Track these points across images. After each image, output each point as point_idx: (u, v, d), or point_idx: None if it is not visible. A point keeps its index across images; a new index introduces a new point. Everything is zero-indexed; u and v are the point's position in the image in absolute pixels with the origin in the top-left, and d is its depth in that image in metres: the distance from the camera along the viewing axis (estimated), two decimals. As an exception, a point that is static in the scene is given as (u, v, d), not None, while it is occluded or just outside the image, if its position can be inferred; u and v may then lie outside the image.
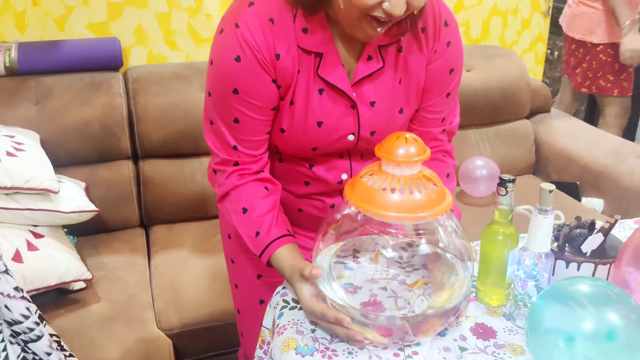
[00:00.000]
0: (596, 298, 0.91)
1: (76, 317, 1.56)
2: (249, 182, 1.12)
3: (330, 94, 1.08)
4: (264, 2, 1.01)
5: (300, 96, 1.07)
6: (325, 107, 1.08)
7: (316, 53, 1.04)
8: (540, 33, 2.88)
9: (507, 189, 1.05)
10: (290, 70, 1.04)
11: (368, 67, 1.08)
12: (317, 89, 1.07)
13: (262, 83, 1.03)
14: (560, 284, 0.97)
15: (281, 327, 1.05)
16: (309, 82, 1.06)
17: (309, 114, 1.08)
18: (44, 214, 1.61)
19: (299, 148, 1.13)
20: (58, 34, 2.12)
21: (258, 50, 1.00)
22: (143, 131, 2.04)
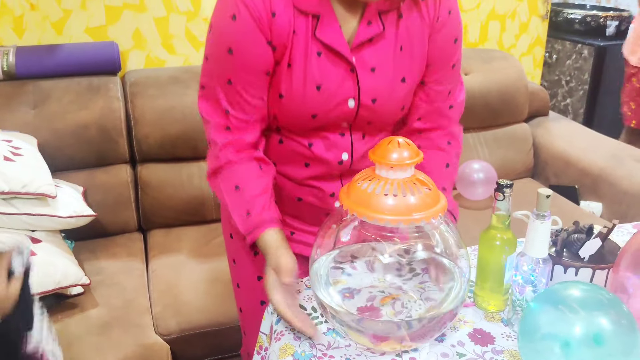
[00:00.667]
0: (587, 302, 0.91)
1: (74, 322, 1.56)
2: (243, 160, 1.11)
3: (328, 56, 1.06)
4: None
5: (298, 59, 1.05)
6: (324, 69, 1.06)
7: (313, 14, 1.03)
8: (539, 36, 2.88)
9: (505, 194, 1.05)
10: (285, 30, 1.03)
11: (368, 32, 1.06)
12: (316, 51, 1.05)
13: (257, 43, 1.02)
14: (553, 289, 0.97)
15: (278, 333, 1.05)
16: (307, 44, 1.05)
17: (308, 77, 1.06)
18: (41, 218, 1.61)
19: (298, 116, 1.10)
20: (56, 38, 2.12)
21: (254, 8, 1.00)
22: (141, 135, 2.04)
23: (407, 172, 0.95)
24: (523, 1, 2.77)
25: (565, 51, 3.66)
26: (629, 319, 0.90)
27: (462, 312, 1.11)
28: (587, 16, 3.63)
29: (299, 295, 1.14)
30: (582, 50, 3.55)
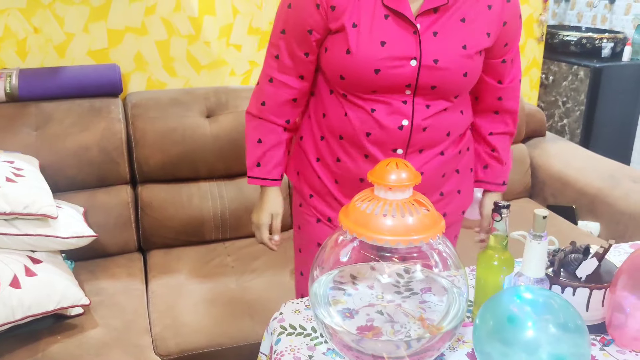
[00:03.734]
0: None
1: (73, 343, 1.56)
2: (276, 124, 1.35)
3: (395, 19, 1.18)
4: None
5: (366, 20, 1.18)
6: (389, 29, 1.19)
7: None
8: (535, 58, 2.92)
9: (502, 214, 1.07)
10: None
11: (433, 2, 1.18)
12: (383, 14, 1.19)
13: (308, 5, 1.21)
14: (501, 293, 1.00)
15: (278, 353, 1.06)
16: (375, 9, 1.18)
17: (374, 34, 1.18)
18: (42, 239, 1.62)
19: (363, 71, 1.20)
20: (59, 61, 2.14)
21: None
22: (141, 156, 2.06)
23: (406, 193, 0.97)
24: (519, 24, 2.80)
25: (562, 72, 3.70)
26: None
27: (461, 331, 1.11)
28: (583, 38, 3.68)
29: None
30: (578, 72, 3.58)
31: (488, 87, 1.36)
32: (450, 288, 1.04)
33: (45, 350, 1.52)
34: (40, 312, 1.52)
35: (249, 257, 2.02)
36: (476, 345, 0.98)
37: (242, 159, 2.15)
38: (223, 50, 2.34)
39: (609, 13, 3.95)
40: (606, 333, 1.12)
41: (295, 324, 1.13)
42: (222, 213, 2.12)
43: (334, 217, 1.36)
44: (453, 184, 1.38)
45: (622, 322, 1.08)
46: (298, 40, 1.24)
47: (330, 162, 1.32)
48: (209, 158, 2.12)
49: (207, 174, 2.15)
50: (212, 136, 2.11)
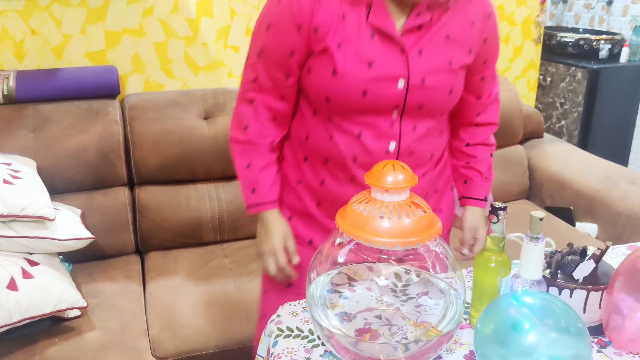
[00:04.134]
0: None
1: (70, 346, 1.56)
2: (261, 145, 1.27)
3: (380, 38, 1.16)
4: None
5: (351, 40, 1.15)
6: (376, 48, 1.16)
7: (367, 3, 1.15)
8: (532, 60, 2.92)
9: (499, 216, 1.07)
10: (331, 14, 1.14)
11: (416, 20, 1.16)
12: (369, 34, 1.16)
13: (289, 27, 1.16)
14: (503, 297, 0.99)
15: (275, 355, 1.05)
16: (360, 28, 1.15)
17: (360, 54, 1.15)
18: (39, 241, 1.62)
19: (350, 93, 1.16)
20: (56, 63, 2.14)
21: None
22: (139, 158, 2.06)
23: (403, 195, 0.97)
24: (516, 26, 2.81)
25: (559, 74, 3.70)
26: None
27: (458, 334, 1.11)
28: (580, 39, 3.68)
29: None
30: (576, 73, 3.59)
31: (467, 104, 1.33)
32: (447, 290, 1.04)
33: (43, 352, 1.52)
34: (37, 314, 1.52)
35: (247, 259, 2.02)
36: (477, 349, 0.98)
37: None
38: (221, 51, 2.34)
39: (606, 14, 3.96)
40: (603, 335, 1.12)
41: (293, 326, 1.13)
42: (219, 215, 2.12)
43: (316, 238, 1.30)
44: (433, 203, 1.35)
45: (619, 324, 1.08)
46: (278, 62, 1.19)
47: (314, 184, 1.28)
48: (207, 160, 2.11)
49: (205, 175, 2.15)
50: (210, 138, 2.11)
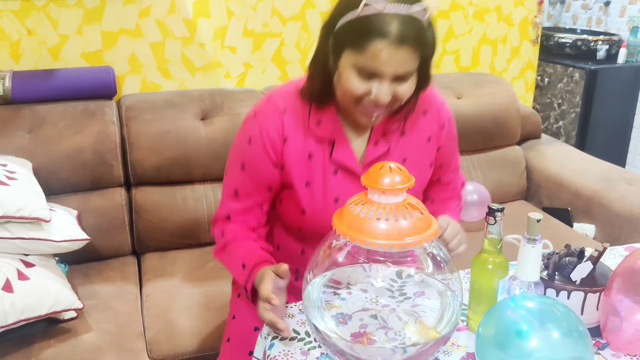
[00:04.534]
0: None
1: (66, 348, 1.55)
2: (245, 238, 1.27)
3: (344, 174, 1.24)
4: (281, 96, 1.23)
5: (317, 178, 1.23)
6: (340, 185, 1.24)
7: (329, 140, 1.22)
8: (530, 60, 2.92)
9: (496, 218, 1.06)
10: (300, 152, 1.22)
11: (375, 151, 1.25)
12: (332, 170, 1.23)
13: (265, 164, 1.22)
14: (505, 300, 0.99)
15: (272, 358, 1.05)
16: (324, 165, 1.23)
17: (327, 192, 1.23)
18: (35, 242, 1.61)
19: (320, 227, 1.19)
20: (52, 63, 2.13)
21: (267, 135, 1.20)
22: (136, 158, 2.05)
23: (399, 197, 0.96)
24: (514, 26, 2.81)
25: (557, 74, 3.70)
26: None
27: (455, 336, 1.11)
28: (578, 40, 3.68)
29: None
30: (574, 74, 3.59)
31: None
32: (445, 292, 1.03)
33: (39, 354, 1.51)
34: (33, 316, 1.51)
35: (244, 260, 2.01)
36: (478, 353, 0.97)
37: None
38: (218, 52, 2.33)
39: (604, 15, 3.96)
40: (601, 337, 1.12)
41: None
42: (216, 216, 2.11)
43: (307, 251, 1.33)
44: None
45: (617, 326, 1.08)
46: (255, 198, 1.27)
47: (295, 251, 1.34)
48: (204, 160, 2.11)
49: (202, 176, 2.14)
50: (207, 138, 2.10)
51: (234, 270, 1.24)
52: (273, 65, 2.43)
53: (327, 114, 1.21)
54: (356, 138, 1.25)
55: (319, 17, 2.42)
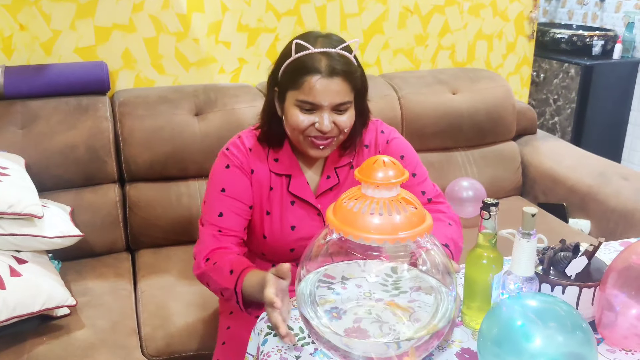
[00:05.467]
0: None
1: (59, 345, 1.53)
2: (226, 253, 1.31)
3: (300, 204, 1.39)
4: (247, 137, 1.39)
5: (276, 208, 1.38)
6: (296, 214, 1.38)
7: (286, 175, 1.38)
8: (525, 56, 2.91)
9: (491, 212, 1.06)
10: (263, 184, 1.37)
11: (327, 183, 1.40)
12: (290, 201, 1.38)
13: (244, 183, 1.36)
14: (507, 300, 0.98)
15: (265, 354, 1.04)
16: (282, 197, 1.38)
17: (284, 220, 1.38)
18: (27, 239, 1.59)
19: (280, 251, 1.40)
20: (45, 58, 2.12)
21: (239, 164, 1.36)
22: (129, 154, 2.04)
23: (393, 191, 0.96)
24: (510, 21, 2.80)
25: (553, 70, 3.70)
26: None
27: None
28: (574, 36, 3.68)
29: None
30: (569, 69, 3.59)
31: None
32: (439, 287, 1.03)
33: (31, 351, 1.50)
34: (25, 313, 1.50)
35: (239, 256, 2.00)
36: (481, 352, 0.96)
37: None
38: (212, 47, 2.32)
39: (599, 11, 3.96)
40: (596, 332, 1.11)
41: (283, 324, 1.11)
42: (211, 212, 2.10)
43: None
44: None
45: (612, 321, 1.07)
46: (234, 218, 1.35)
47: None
48: (198, 156, 2.09)
49: (196, 172, 2.12)
50: (201, 134, 2.09)
51: (221, 279, 1.25)
52: (268, 60, 2.42)
53: (283, 153, 1.38)
54: (310, 172, 1.40)
55: (314, 12, 2.41)
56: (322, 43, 1.27)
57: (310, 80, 1.23)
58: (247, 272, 1.22)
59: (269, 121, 1.36)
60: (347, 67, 1.26)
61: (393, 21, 2.57)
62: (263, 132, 1.38)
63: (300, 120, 1.27)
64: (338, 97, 1.25)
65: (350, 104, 1.29)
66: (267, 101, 1.38)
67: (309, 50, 1.25)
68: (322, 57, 1.24)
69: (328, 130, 1.26)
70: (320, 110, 1.26)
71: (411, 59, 2.66)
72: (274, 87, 1.33)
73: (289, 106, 1.29)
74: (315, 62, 1.24)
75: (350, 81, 1.26)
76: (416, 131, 2.39)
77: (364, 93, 1.35)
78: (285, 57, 1.29)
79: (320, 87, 1.23)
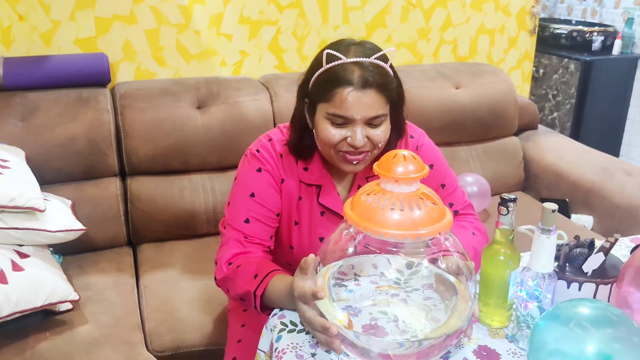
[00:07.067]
0: (598, 320, 0.90)
1: (62, 340, 1.51)
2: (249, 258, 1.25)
3: (329, 216, 1.32)
4: (279, 142, 1.32)
5: (305, 218, 1.32)
6: (326, 225, 1.31)
7: (316, 185, 1.31)
8: (527, 51, 2.90)
9: (509, 208, 1.04)
10: (292, 194, 1.31)
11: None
12: (319, 212, 1.32)
13: (274, 190, 1.29)
14: (562, 306, 0.95)
15: (280, 351, 1.02)
16: (312, 207, 1.32)
17: (313, 231, 1.32)
18: (30, 233, 1.57)
19: None
20: (44, 50, 2.08)
21: (271, 169, 1.29)
22: (131, 147, 2.01)
23: (413, 186, 0.94)
24: (512, 16, 2.79)
25: (552, 66, 3.69)
26: (639, 335, 0.89)
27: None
28: (573, 31, 3.68)
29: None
30: (569, 65, 3.58)
31: None
32: (458, 285, 1.01)
33: (34, 347, 1.48)
34: (28, 308, 1.47)
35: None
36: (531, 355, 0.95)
37: (234, 151, 2.11)
38: (213, 39, 2.29)
39: (598, 6, 3.95)
40: (612, 329, 1.10)
41: (296, 320, 1.09)
42: (214, 206, 2.07)
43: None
44: None
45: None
46: (263, 226, 1.29)
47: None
48: (201, 150, 2.07)
49: (199, 166, 2.10)
50: (203, 127, 2.06)
51: (243, 282, 1.19)
52: (269, 53, 2.39)
53: (314, 163, 1.31)
54: (341, 183, 1.34)
55: (317, 4, 2.39)
56: (354, 52, 1.19)
57: (342, 92, 1.15)
58: (272, 276, 1.16)
59: (300, 133, 1.28)
60: (382, 79, 1.17)
61: (396, 14, 2.55)
62: (293, 144, 1.30)
63: (331, 134, 1.19)
64: (371, 110, 1.17)
65: (385, 117, 1.20)
66: (296, 113, 1.30)
67: (340, 60, 1.17)
68: (354, 67, 1.16)
69: (361, 145, 1.18)
70: (352, 124, 1.18)
71: (414, 52, 2.64)
72: (304, 99, 1.26)
73: (319, 119, 1.21)
74: (347, 74, 1.16)
75: (385, 93, 1.18)
76: (420, 126, 2.31)
77: (401, 105, 1.26)
78: (315, 67, 1.22)
79: (352, 100, 1.15)
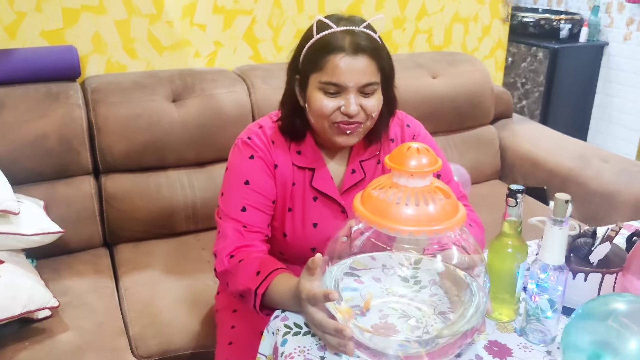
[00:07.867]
0: (636, 314, 0.88)
1: (43, 349, 1.43)
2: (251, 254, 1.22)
3: (323, 201, 1.30)
4: (269, 128, 1.30)
5: (298, 204, 1.30)
6: (319, 211, 1.30)
7: (309, 168, 1.29)
8: (500, 39, 2.91)
9: (517, 199, 1.02)
10: (286, 180, 1.29)
11: (353, 179, 1.31)
12: (312, 197, 1.30)
13: (268, 177, 1.27)
14: (593, 304, 0.94)
15: (287, 355, 0.98)
16: (305, 192, 1.29)
17: (306, 217, 1.30)
18: (4, 237, 1.48)
19: (300, 250, 1.31)
20: (9, 43, 1.97)
21: (264, 155, 1.27)
22: (104, 144, 1.92)
23: (426, 180, 0.91)
24: (485, 4, 2.78)
25: (521, 54, 3.72)
26: None
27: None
28: (541, 19, 3.71)
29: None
30: (537, 53, 3.62)
31: None
32: (471, 282, 0.99)
33: (13, 358, 1.39)
34: (5, 317, 1.39)
35: (224, 249, 1.92)
36: (564, 346, 0.93)
37: (212, 146, 2.05)
38: (186, 30, 2.21)
39: (564, -6, 4.00)
40: (618, 318, 1.10)
41: (301, 322, 1.05)
42: (192, 203, 2.01)
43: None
44: None
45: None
46: (259, 214, 1.27)
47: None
48: (177, 145, 2.00)
49: (176, 162, 2.03)
50: (179, 121, 1.99)
51: (244, 279, 1.15)
52: (244, 43, 2.33)
53: (306, 145, 1.29)
54: (335, 166, 1.32)
55: (292, -7, 2.33)
56: (344, 23, 1.19)
57: (334, 59, 1.15)
58: (276, 275, 1.12)
59: (291, 113, 1.27)
60: (372, 44, 1.18)
61: (371, 3, 2.51)
62: (285, 125, 1.28)
63: (324, 104, 1.18)
64: (364, 77, 1.16)
65: (377, 85, 1.20)
66: (286, 92, 1.29)
67: (331, 29, 1.17)
68: (345, 34, 1.16)
69: (355, 113, 1.17)
70: (345, 92, 1.17)
71: (389, 42, 2.61)
72: (295, 75, 1.24)
73: (312, 91, 1.20)
74: (338, 40, 1.16)
75: (376, 60, 1.18)
76: (398, 116, 2.35)
77: (391, 77, 1.26)
78: (306, 39, 1.21)
79: (344, 66, 1.15)
